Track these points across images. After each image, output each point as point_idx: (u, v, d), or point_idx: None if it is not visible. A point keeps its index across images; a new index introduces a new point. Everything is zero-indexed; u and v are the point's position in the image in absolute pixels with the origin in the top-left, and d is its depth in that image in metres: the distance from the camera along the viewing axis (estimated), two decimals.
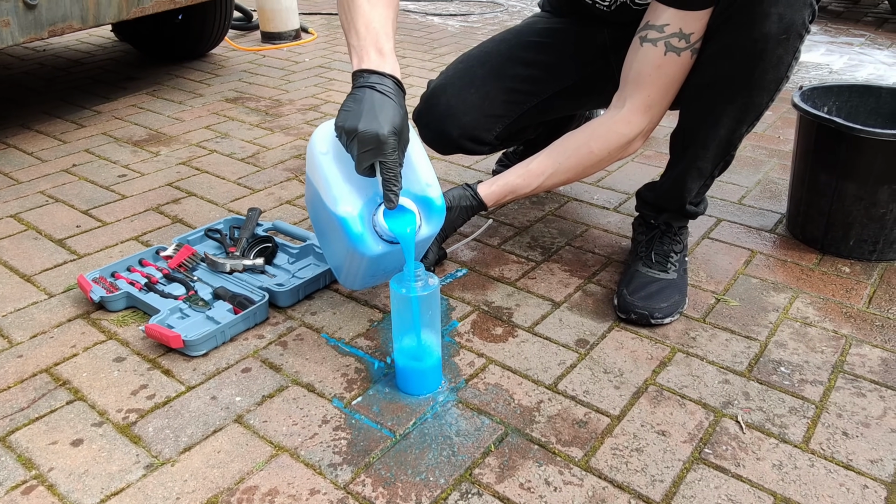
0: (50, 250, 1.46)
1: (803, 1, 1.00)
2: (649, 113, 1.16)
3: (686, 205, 1.26)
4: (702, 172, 1.21)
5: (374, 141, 0.91)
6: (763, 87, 1.07)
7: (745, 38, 1.03)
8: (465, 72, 1.37)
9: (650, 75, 1.13)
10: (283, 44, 3.20)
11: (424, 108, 1.39)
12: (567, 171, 1.22)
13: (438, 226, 1.06)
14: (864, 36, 3.14)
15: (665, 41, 1.09)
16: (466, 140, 1.38)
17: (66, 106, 2.40)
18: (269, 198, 1.71)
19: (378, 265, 1.06)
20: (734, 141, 1.16)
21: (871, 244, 1.37)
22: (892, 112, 1.49)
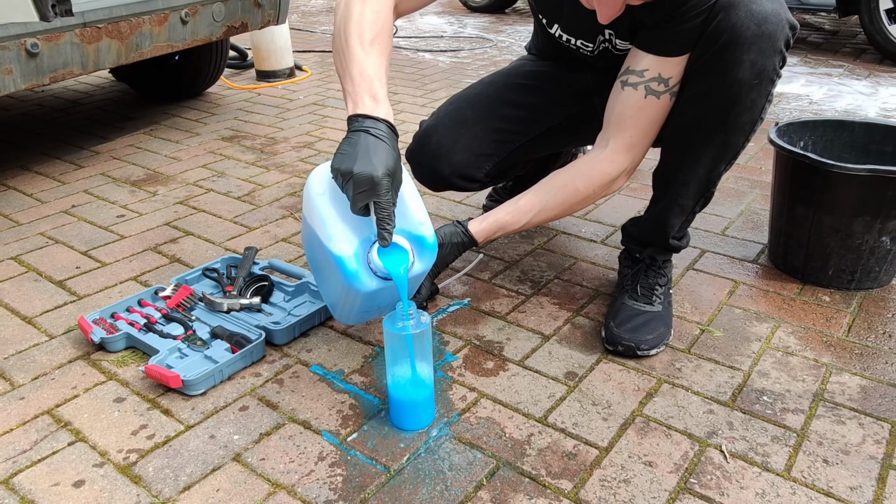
0: (50, 292, 1.49)
1: (773, 48, 1.06)
2: (632, 152, 1.21)
3: (669, 239, 1.31)
4: (683, 209, 1.26)
5: (368, 182, 0.95)
6: (739, 129, 1.13)
7: (721, 83, 1.08)
8: (455, 113, 1.43)
9: (632, 117, 1.18)
10: (278, 82, 3.27)
11: (417, 147, 1.44)
12: (554, 208, 1.27)
13: (430, 262, 1.10)
14: (842, 66, 3.23)
15: (645, 85, 1.15)
16: (457, 178, 1.43)
17: (64, 147, 2.45)
18: (265, 236, 1.75)
19: (372, 301, 1.10)
20: (713, 178, 1.21)
21: (849, 274, 1.42)
22: (865, 145, 1.55)
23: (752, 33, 1.04)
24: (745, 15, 1.04)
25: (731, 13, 1.04)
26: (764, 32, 1.04)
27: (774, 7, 1.05)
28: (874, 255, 1.38)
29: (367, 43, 1.06)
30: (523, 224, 1.29)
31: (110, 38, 1.95)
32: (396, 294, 1.03)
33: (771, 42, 1.05)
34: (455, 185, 1.44)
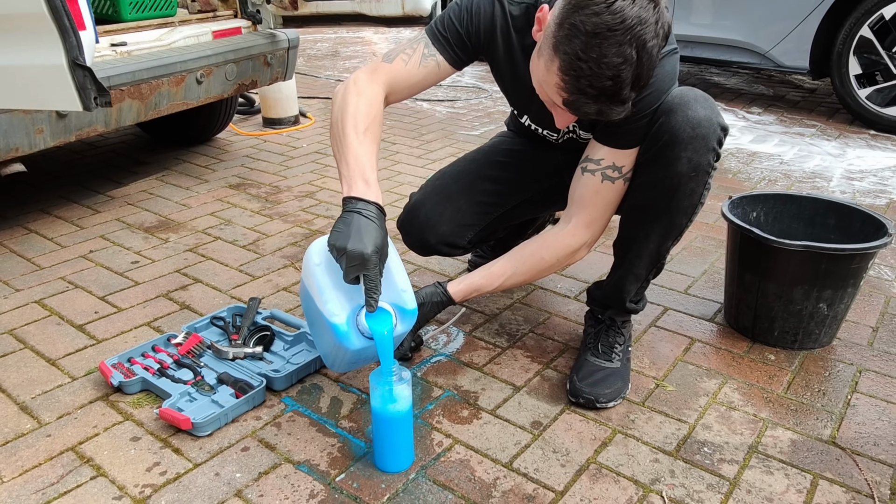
0: (71, 335, 1.65)
1: (706, 147, 1.24)
2: (591, 228, 1.38)
3: (626, 303, 1.47)
4: (637, 277, 1.42)
5: (359, 258, 1.11)
6: (681, 212, 1.30)
7: (664, 175, 1.27)
8: (441, 188, 1.60)
9: (591, 198, 1.36)
10: (283, 129, 3.47)
11: (407, 218, 1.61)
12: (523, 274, 1.44)
13: (411, 324, 1.26)
14: (815, 126, 3.43)
15: (601, 172, 1.33)
16: (443, 245, 1.59)
17: (81, 191, 2.63)
18: (268, 285, 1.91)
19: (360, 355, 1.25)
20: (662, 252, 1.39)
21: (792, 335, 1.57)
22: (811, 217, 1.72)
23: (688, 135, 1.22)
24: (683, 119, 1.22)
25: (671, 117, 1.23)
26: (698, 135, 1.22)
27: (707, 113, 1.23)
28: (813, 319, 1.54)
29: (360, 132, 1.24)
30: (495, 287, 1.45)
31: (132, 99, 2.13)
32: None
33: (704, 142, 1.23)
34: (440, 251, 1.61)
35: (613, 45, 1.01)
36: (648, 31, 1.02)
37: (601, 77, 1.03)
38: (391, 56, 1.35)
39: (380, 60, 1.36)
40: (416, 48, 1.35)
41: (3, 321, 1.71)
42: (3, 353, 1.57)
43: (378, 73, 1.32)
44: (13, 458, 1.25)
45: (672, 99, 1.24)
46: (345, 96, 1.28)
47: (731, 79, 4.52)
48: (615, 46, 1.01)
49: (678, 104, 1.23)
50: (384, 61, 1.35)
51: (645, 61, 1.03)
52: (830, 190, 2.60)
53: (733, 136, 3.30)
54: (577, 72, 1.04)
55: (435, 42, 1.35)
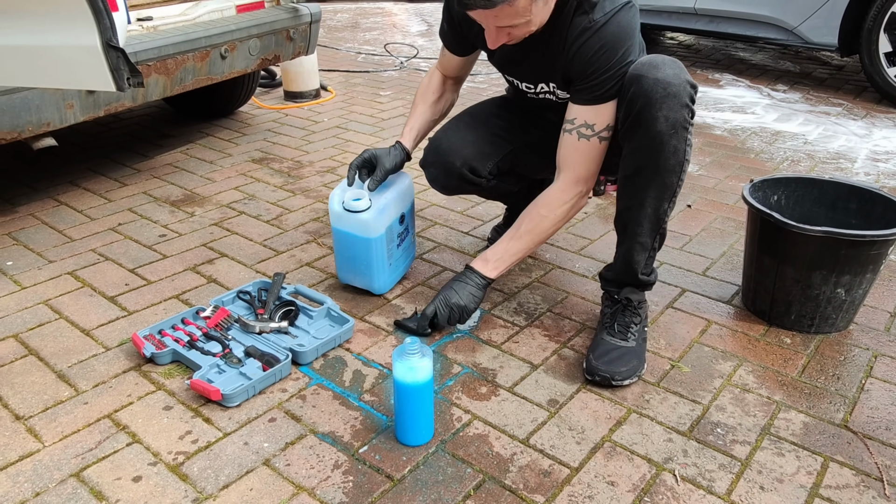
0: (104, 307, 1.71)
1: (680, 104, 1.30)
2: (579, 184, 1.48)
3: (639, 275, 1.51)
4: (643, 246, 1.46)
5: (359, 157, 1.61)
6: (669, 170, 1.36)
7: (645, 136, 1.33)
8: (457, 122, 1.72)
9: (572, 156, 1.45)
10: (305, 102, 3.48)
11: (429, 149, 1.71)
12: (528, 232, 1.53)
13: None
14: (841, 105, 3.38)
15: (576, 130, 1.42)
16: (467, 170, 1.66)
17: (108, 163, 2.68)
18: (291, 260, 1.96)
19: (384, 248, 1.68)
20: (661, 216, 1.43)
21: (809, 319, 1.59)
22: (833, 201, 1.72)
23: (661, 95, 1.29)
24: (653, 82, 1.29)
25: (642, 82, 1.30)
26: (670, 93, 1.29)
27: (675, 71, 1.31)
28: (831, 304, 1.56)
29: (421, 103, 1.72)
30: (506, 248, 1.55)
31: (158, 74, 2.16)
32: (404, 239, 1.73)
33: (677, 99, 1.30)
34: (465, 177, 1.67)
35: None
36: None
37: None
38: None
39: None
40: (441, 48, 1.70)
41: (38, 292, 1.77)
42: (40, 323, 1.63)
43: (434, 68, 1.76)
44: (53, 423, 1.31)
45: (639, 65, 1.33)
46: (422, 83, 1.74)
47: (757, 55, 4.44)
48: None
49: (646, 69, 1.31)
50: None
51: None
52: (854, 171, 2.58)
53: (757, 114, 3.27)
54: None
55: (443, 40, 1.68)
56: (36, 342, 1.56)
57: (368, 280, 1.74)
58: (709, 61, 4.28)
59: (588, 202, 1.59)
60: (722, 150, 2.81)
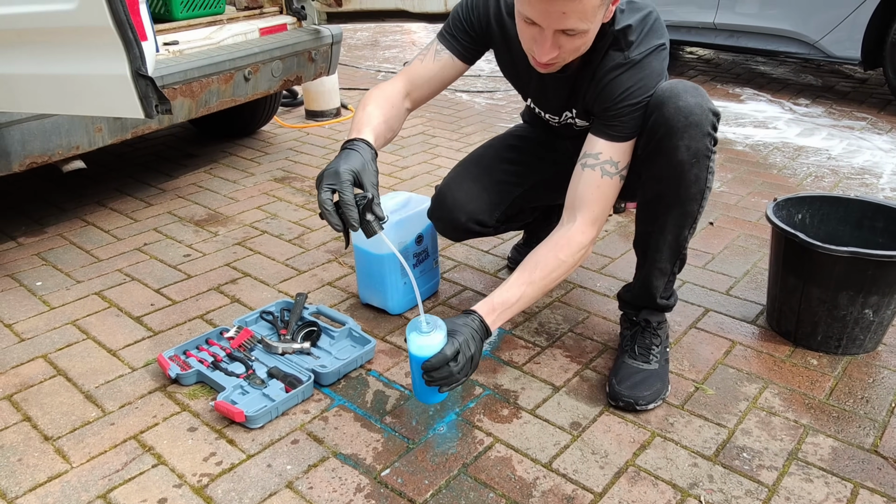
0: (130, 327, 1.73)
1: (702, 133, 1.28)
2: (595, 225, 1.39)
3: (658, 299, 1.49)
4: (663, 271, 1.45)
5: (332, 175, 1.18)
6: (691, 199, 1.34)
7: (667, 165, 1.31)
8: (463, 172, 1.68)
9: (593, 194, 1.36)
10: (326, 121, 3.53)
11: (436, 204, 1.68)
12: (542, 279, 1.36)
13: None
14: (865, 119, 3.34)
15: (601, 167, 1.36)
16: (473, 223, 1.65)
17: (134, 184, 2.73)
18: (313, 279, 1.97)
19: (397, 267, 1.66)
20: (682, 242, 1.41)
21: (836, 340, 1.56)
22: (858, 220, 1.69)
23: (682, 124, 1.26)
24: (674, 110, 1.27)
25: (664, 110, 1.28)
26: (692, 122, 1.26)
27: (697, 101, 1.27)
28: (858, 324, 1.53)
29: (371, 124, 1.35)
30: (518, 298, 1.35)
31: (183, 97, 2.21)
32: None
33: (699, 129, 1.27)
34: (471, 229, 1.67)
35: None
36: None
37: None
38: (411, 59, 1.49)
39: (400, 71, 1.50)
40: (430, 48, 1.48)
41: (67, 312, 1.80)
42: (69, 343, 1.66)
43: (399, 74, 1.48)
44: (81, 444, 1.33)
45: (661, 93, 1.30)
46: (364, 102, 1.41)
47: (778, 68, 4.41)
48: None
49: (668, 97, 1.28)
50: (405, 65, 1.50)
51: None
52: (880, 187, 2.54)
53: (779, 129, 3.24)
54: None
55: (443, 41, 1.47)
56: (64, 362, 1.59)
57: (383, 298, 1.75)
58: (729, 76, 4.26)
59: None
60: (744, 166, 2.79)
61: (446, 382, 1.24)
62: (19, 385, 1.52)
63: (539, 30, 1.21)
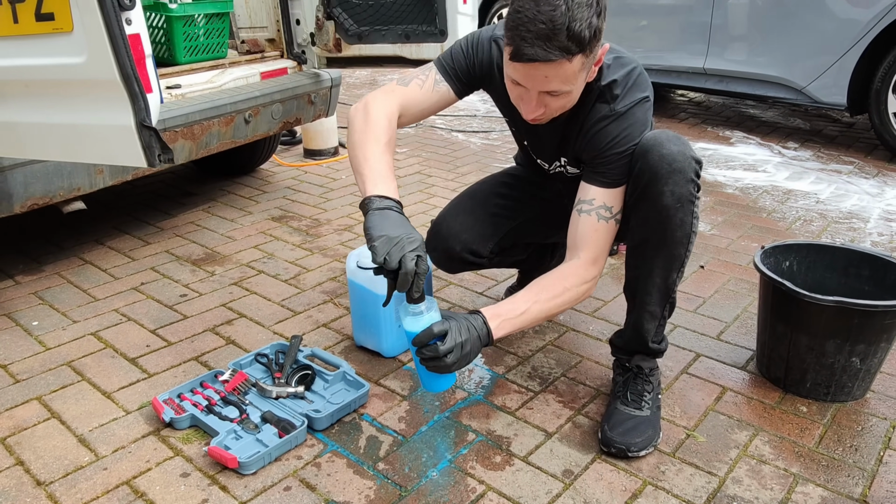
0: (125, 369, 1.74)
1: (685, 179, 1.33)
2: (596, 265, 1.45)
3: (649, 344, 1.52)
4: (653, 315, 1.48)
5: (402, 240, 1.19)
6: (676, 243, 1.38)
7: (652, 210, 1.36)
8: (458, 205, 1.75)
9: (591, 236, 1.44)
10: (323, 160, 3.58)
11: (432, 235, 1.74)
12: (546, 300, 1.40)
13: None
14: (853, 163, 3.41)
15: (595, 211, 1.43)
16: (468, 253, 1.71)
17: (133, 222, 2.76)
18: (308, 321, 1.99)
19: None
20: (670, 286, 1.45)
21: (824, 387, 1.58)
22: (845, 267, 1.73)
23: (666, 171, 1.32)
24: (658, 157, 1.32)
25: (648, 158, 1.34)
26: (675, 169, 1.32)
27: (680, 149, 1.33)
28: (846, 372, 1.55)
29: (382, 144, 1.35)
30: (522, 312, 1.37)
31: (184, 140, 2.25)
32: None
33: (682, 175, 1.32)
34: (466, 259, 1.71)
35: (544, 1, 1.15)
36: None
37: (536, 22, 1.15)
38: (406, 80, 1.48)
39: (395, 84, 1.48)
40: (428, 75, 1.49)
41: (62, 353, 1.81)
42: (63, 385, 1.67)
43: (395, 94, 1.45)
44: (73, 489, 1.33)
45: (646, 141, 1.36)
46: (367, 112, 1.39)
47: (768, 112, 4.50)
48: (546, 2, 1.15)
49: (652, 145, 1.34)
50: (399, 84, 1.47)
51: (576, 14, 1.15)
52: (868, 232, 2.59)
53: (769, 172, 3.30)
54: (516, 21, 1.18)
55: (443, 73, 1.49)
56: (58, 405, 1.60)
57: (377, 340, 1.76)
58: (719, 118, 4.35)
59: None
60: (734, 209, 2.84)
61: (436, 365, 1.25)
62: (13, 428, 1.52)
63: (524, 90, 1.28)
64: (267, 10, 2.82)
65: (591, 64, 1.27)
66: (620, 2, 4.22)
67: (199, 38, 2.52)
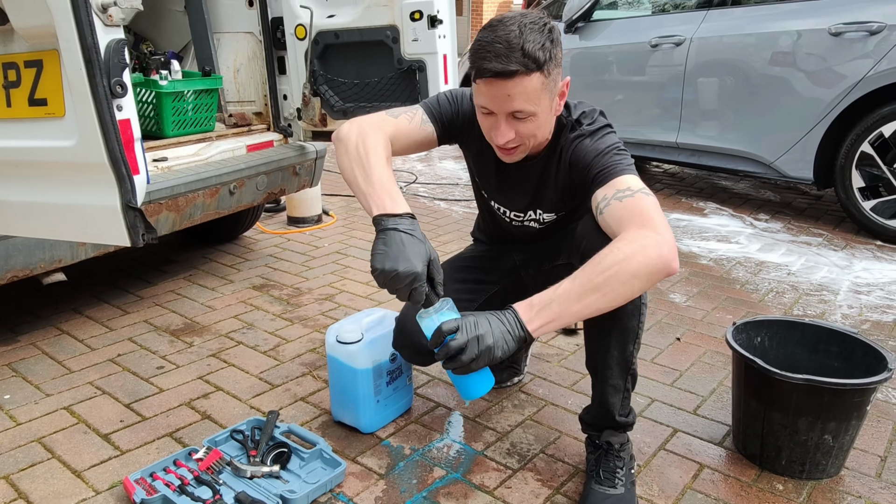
0: (97, 445, 1.71)
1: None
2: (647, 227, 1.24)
3: (617, 417, 1.53)
4: (616, 388, 1.49)
5: (411, 277, 1.21)
6: (628, 315, 1.40)
7: None
8: None
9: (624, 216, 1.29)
10: (307, 227, 3.62)
11: (397, 333, 1.69)
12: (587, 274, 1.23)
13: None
14: (822, 235, 3.52)
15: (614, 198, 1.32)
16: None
17: (112, 290, 2.75)
18: (286, 394, 1.98)
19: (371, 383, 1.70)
20: (628, 358, 1.47)
21: (799, 465, 1.59)
22: (815, 343, 1.77)
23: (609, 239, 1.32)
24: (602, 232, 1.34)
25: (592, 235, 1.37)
26: None
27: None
28: (820, 449, 1.57)
29: (383, 160, 1.37)
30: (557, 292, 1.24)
31: (168, 211, 2.28)
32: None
33: None
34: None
35: (501, 29, 1.29)
36: (529, 20, 1.29)
37: (493, 43, 1.28)
38: (395, 113, 1.52)
39: (384, 114, 1.51)
40: (415, 113, 1.53)
41: (33, 428, 1.78)
42: (32, 463, 1.63)
43: (385, 122, 1.48)
44: None
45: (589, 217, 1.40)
46: (362, 131, 1.41)
47: (739, 184, 4.66)
48: (502, 29, 1.29)
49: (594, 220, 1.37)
50: (388, 116, 1.50)
51: (529, 37, 1.27)
52: (837, 304, 2.65)
53: (741, 243, 3.40)
54: (477, 47, 1.30)
55: (430, 116, 1.54)
56: (26, 485, 1.56)
57: (355, 416, 1.76)
58: (693, 189, 4.49)
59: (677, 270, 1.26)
60: (708, 280, 2.90)
61: (456, 365, 1.20)
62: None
63: (494, 117, 1.36)
64: (255, 86, 2.91)
65: (554, 92, 1.36)
66: (597, 78, 4.42)
67: (188, 113, 2.59)
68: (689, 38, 3.93)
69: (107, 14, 1.22)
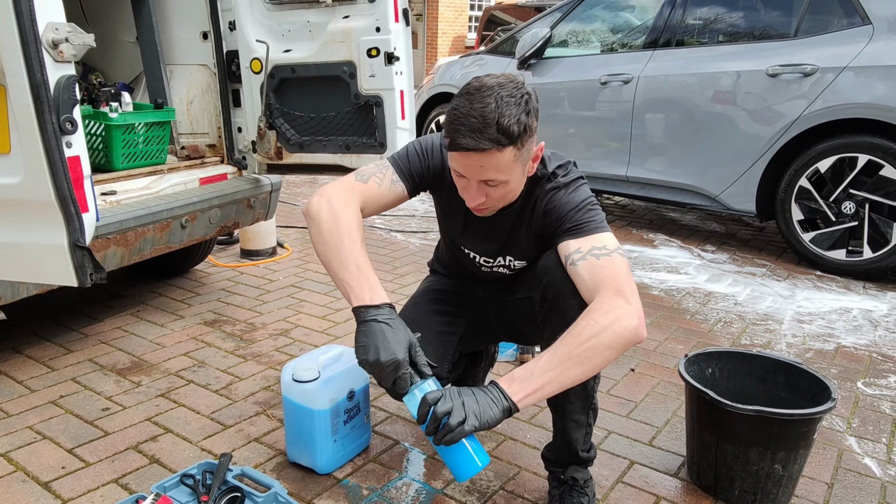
0: (36, 495, 1.62)
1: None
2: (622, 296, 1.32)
3: (580, 453, 1.55)
4: (578, 423, 1.51)
5: (393, 365, 1.27)
6: None
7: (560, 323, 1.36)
8: None
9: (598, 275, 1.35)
10: (261, 260, 3.56)
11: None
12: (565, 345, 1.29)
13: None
14: (766, 266, 3.66)
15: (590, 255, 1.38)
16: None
17: (55, 327, 2.64)
18: (239, 435, 1.92)
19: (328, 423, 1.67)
20: (590, 392, 1.50)
21: (751, 494, 1.63)
22: (763, 374, 1.83)
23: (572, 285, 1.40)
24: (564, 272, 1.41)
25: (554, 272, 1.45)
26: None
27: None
28: (770, 479, 1.61)
29: (357, 241, 1.39)
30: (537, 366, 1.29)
31: (116, 246, 2.21)
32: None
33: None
34: None
35: (477, 100, 1.29)
36: (506, 91, 1.29)
37: (469, 116, 1.28)
38: (364, 177, 1.53)
39: (353, 179, 1.53)
40: (385, 174, 1.54)
41: None
42: None
43: (355, 191, 1.50)
44: None
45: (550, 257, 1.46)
46: (333, 209, 1.42)
47: (686, 216, 4.82)
48: (479, 101, 1.28)
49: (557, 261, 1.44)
50: (358, 180, 1.52)
51: (505, 111, 1.27)
52: (783, 333, 2.75)
53: (690, 274, 3.50)
54: (452, 117, 1.31)
55: (399, 173, 1.54)
56: None
57: (312, 457, 1.72)
58: (643, 221, 4.62)
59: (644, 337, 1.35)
60: (660, 311, 2.97)
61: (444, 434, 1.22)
62: None
63: (466, 180, 1.37)
64: (209, 118, 2.88)
65: (527, 158, 1.37)
66: (549, 112, 4.53)
67: (139, 146, 2.53)
68: (636, 77, 4.08)
69: (57, 50, 1.20)
